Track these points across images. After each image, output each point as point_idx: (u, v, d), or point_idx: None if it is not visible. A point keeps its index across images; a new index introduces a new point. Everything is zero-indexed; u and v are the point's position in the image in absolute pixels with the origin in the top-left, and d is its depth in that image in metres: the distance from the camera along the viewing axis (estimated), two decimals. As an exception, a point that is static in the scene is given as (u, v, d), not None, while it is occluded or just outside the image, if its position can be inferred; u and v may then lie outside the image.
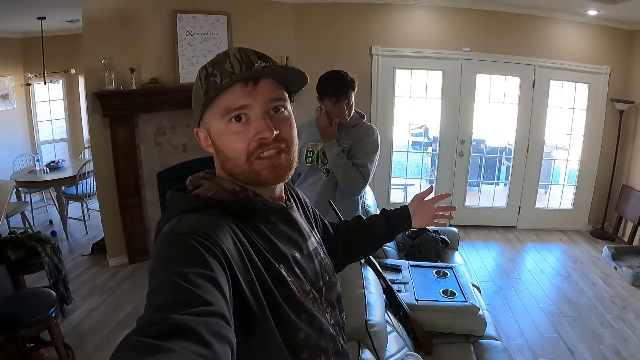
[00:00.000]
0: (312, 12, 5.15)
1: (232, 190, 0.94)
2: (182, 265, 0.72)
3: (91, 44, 4.22)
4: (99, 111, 4.29)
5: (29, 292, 3.30)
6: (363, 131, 2.66)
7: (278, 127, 0.92)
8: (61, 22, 5.77)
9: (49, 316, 2.83)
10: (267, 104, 0.92)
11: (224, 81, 0.90)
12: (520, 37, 5.24)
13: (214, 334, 0.61)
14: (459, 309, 2.57)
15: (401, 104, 5.62)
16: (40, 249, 3.50)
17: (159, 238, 0.84)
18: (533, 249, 5.26)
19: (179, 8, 4.42)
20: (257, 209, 0.95)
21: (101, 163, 4.50)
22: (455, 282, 2.82)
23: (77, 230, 5.98)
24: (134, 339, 0.58)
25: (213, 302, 0.67)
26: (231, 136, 0.92)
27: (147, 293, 0.71)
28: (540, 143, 5.61)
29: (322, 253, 1.11)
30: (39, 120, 7.32)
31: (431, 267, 3.01)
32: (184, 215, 0.87)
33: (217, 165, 0.98)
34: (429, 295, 2.66)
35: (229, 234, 0.83)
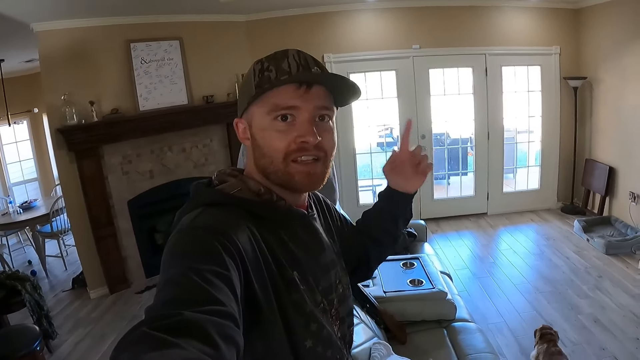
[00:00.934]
0: (264, 27, 5.26)
1: (257, 190, 0.94)
2: (198, 261, 0.72)
3: (50, 82, 4.28)
4: (64, 146, 4.33)
5: (12, 329, 3.34)
6: None
7: (321, 134, 0.92)
8: (20, 63, 5.80)
9: (34, 350, 2.90)
10: (315, 110, 0.92)
11: (280, 77, 0.90)
12: (468, 29, 5.42)
13: (223, 335, 0.62)
14: (427, 296, 2.66)
15: (359, 108, 5.74)
16: (20, 287, 3.54)
17: (178, 228, 0.84)
18: (505, 233, 5.40)
19: (131, 38, 4.50)
20: (278, 213, 0.95)
21: (71, 197, 4.54)
22: (423, 271, 2.92)
23: (57, 267, 5.97)
24: (143, 330, 0.58)
25: (225, 303, 0.68)
26: (273, 133, 0.91)
27: (159, 283, 0.72)
28: (500, 129, 5.77)
29: (339, 265, 1.09)
30: (8, 163, 7.31)
31: (398, 260, 3.11)
32: (204, 209, 0.87)
33: (250, 160, 0.98)
34: (396, 287, 2.75)
35: (247, 235, 0.83)
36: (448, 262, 4.60)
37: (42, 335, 3.11)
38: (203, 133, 5.06)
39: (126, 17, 4.46)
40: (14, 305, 3.55)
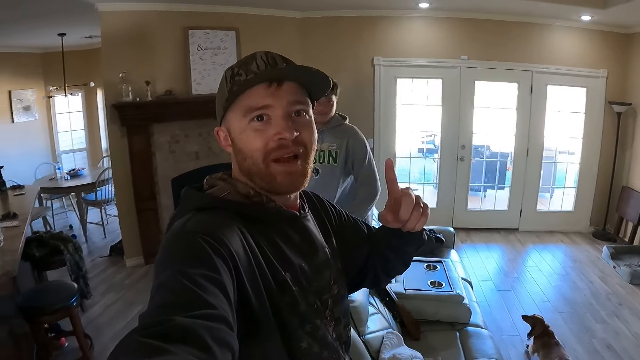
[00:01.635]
0: (316, 25, 5.41)
1: (246, 193, 0.94)
2: (189, 266, 0.72)
3: (109, 59, 4.52)
4: (117, 121, 4.59)
5: (52, 284, 3.54)
6: (346, 134, 2.90)
7: (298, 129, 0.91)
8: (80, 38, 6.09)
9: (70, 305, 3.05)
10: (289, 106, 0.91)
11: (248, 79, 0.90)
12: (517, 44, 5.43)
13: (216, 339, 0.62)
14: (444, 297, 2.78)
15: (403, 112, 5.82)
16: (62, 247, 3.73)
17: (169, 233, 0.85)
18: (534, 250, 5.41)
19: (190, 25, 4.71)
20: (269, 215, 0.94)
21: (119, 169, 4.80)
22: (444, 274, 3.03)
23: (96, 234, 6.27)
24: (135, 338, 0.58)
25: (217, 306, 0.67)
26: (251, 134, 0.91)
27: (152, 289, 0.72)
28: (540, 147, 5.77)
29: (335, 266, 1.07)
30: (59, 131, 7.68)
31: (422, 261, 3.22)
32: (195, 213, 0.87)
33: (235, 165, 0.97)
34: (417, 285, 2.88)
35: (238, 237, 0.83)
36: (472, 272, 4.65)
37: (79, 292, 3.27)
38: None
39: (186, 4, 4.68)
40: (54, 263, 3.74)
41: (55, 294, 3.10)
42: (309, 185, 1.02)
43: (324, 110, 2.83)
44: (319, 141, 2.89)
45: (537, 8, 4.82)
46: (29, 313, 2.97)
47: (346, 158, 2.87)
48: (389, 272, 1.23)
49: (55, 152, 7.59)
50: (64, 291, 3.15)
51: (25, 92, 6.95)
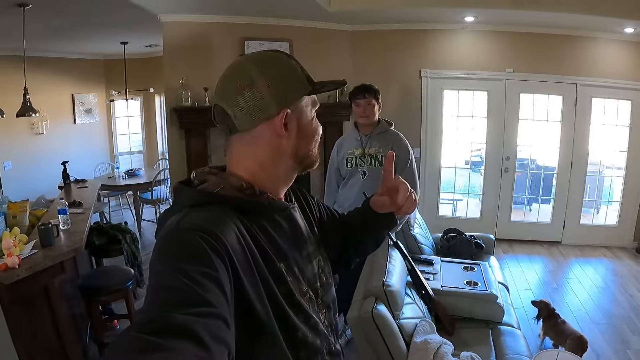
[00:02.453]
0: (367, 38, 5.59)
1: (239, 186, 0.94)
2: (186, 263, 0.72)
3: (170, 66, 4.88)
4: (176, 124, 4.91)
5: (111, 268, 3.74)
6: (390, 140, 3.14)
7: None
8: (141, 47, 6.49)
9: (127, 287, 3.27)
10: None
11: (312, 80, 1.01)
12: (561, 57, 5.46)
13: (213, 336, 0.62)
14: (479, 296, 2.90)
15: (449, 123, 5.91)
16: (121, 237, 3.96)
17: (164, 230, 0.84)
18: (575, 264, 5.36)
19: (246, 36, 5.02)
20: (262, 206, 0.95)
21: (176, 169, 5.11)
22: (481, 275, 3.15)
23: (149, 231, 6.59)
24: (132, 335, 0.59)
25: (214, 303, 0.68)
26: (317, 122, 1.04)
27: (148, 286, 0.72)
28: (584, 160, 5.75)
29: (322, 255, 1.12)
30: (118, 134, 8.15)
31: (461, 262, 3.37)
32: (190, 210, 0.87)
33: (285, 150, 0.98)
34: (453, 283, 3.02)
35: (234, 232, 0.83)
36: (512, 281, 4.67)
37: (135, 278, 3.49)
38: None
39: (242, 16, 4.98)
40: (112, 251, 3.96)
41: (113, 277, 3.32)
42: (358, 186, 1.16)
43: (362, 111, 3.07)
44: (367, 145, 3.10)
45: (581, 21, 4.86)
46: (88, 293, 3.18)
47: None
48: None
49: (113, 153, 8.07)
50: (121, 275, 3.37)
51: (87, 96, 7.44)
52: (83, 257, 3.97)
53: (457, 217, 6.27)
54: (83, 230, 3.18)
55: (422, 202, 5.96)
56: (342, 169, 3.26)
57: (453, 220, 6.11)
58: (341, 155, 3.26)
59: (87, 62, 7.44)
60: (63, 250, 2.76)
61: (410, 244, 3.67)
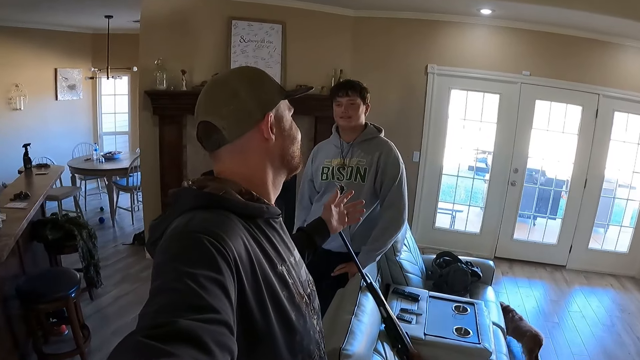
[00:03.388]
0: (370, 26, 5.08)
1: (237, 191, 0.95)
2: (193, 266, 0.71)
3: (147, 44, 4.38)
4: (150, 109, 4.43)
5: (56, 271, 3.42)
6: (378, 150, 2.59)
7: None
8: (128, 22, 6.00)
9: (69, 295, 2.96)
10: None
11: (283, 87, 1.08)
12: (585, 63, 4.95)
13: (218, 342, 0.61)
14: (469, 350, 2.39)
15: (454, 126, 5.45)
16: (76, 233, 3.66)
17: (171, 232, 0.84)
18: (579, 293, 4.92)
19: (234, 15, 4.49)
20: (262, 211, 0.97)
21: (148, 159, 4.65)
22: (474, 320, 2.64)
23: (125, 220, 6.23)
24: (137, 339, 0.57)
25: (220, 309, 0.67)
26: (295, 125, 1.09)
27: (153, 288, 0.71)
28: (600, 178, 5.26)
29: (303, 263, 1.15)
30: (103, 112, 7.67)
31: (452, 300, 2.84)
32: (197, 213, 0.87)
33: (273, 152, 1.03)
34: (439, 331, 2.49)
35: (240, 238, 0.84)
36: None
37: (81, 284, 3.18)
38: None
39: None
40: (67, 247, 3.67)
41: (56, 282, 3.02)
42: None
43: (346, 113, 2.54)
44: (349, 155, 2.59)
45: (612, 24, 4.33)
46: (27, 298, 2.88)
47: (375, 177, 2.55)
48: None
49: (97, 133, 7.61)
50: (65, 280, 3.05)
51: (72, 71, 6.96)
52: (37, 253, 3.64)
53: (455, 229, 5.80)
54: (13, 234, 2.70)
55: (417, 211, 5.48)
56: (316, 181, 2.71)
57: (450, 235, 5.68)
58: (316, 165, 2.72)
59: (73, 36, 6.93)
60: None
61: (395, 273, 3.15)
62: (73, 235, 3.63)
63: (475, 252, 5.23)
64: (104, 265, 4.28)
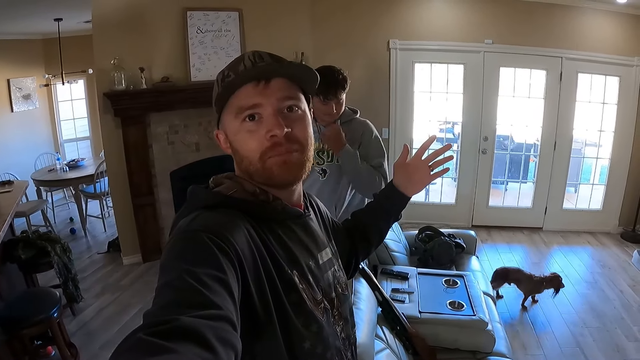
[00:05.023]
0: (329, 6, 5.00)
1: (252, 191, 0.94)
2: (195, 264, 0.71)
3: (101, 45, 4.20)
4: (110, 111, 4.27)
5: (34, 292, 3.31)
6: (359, 129, 2.51)
7: (290, 125, 0.90)
8: (78, 23, 5.77)
9: (51, 316, 2.84)
10: (279, 103, 0.90)
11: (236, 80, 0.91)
12: (546, 28, 4.98)
13: (220, 339, 0.60)
14: (465, 323, 2.40)
15: (421, 100, 5.43)
16: (49, 249, 3.52)
17: (175, 231, 0.84)
18: (559, 252, 5.01)
19: (189, 6, 4.34)
20: (275, 212, 0.94)
21: (114, 163, 4.49)
22: (465, 292, 2.64)
23: (97, 228, 6.04)
24: (139, 337, 0.57)
25: (222, 306, 0.67)
26: (245, 134, 0.91)
27: (157, 287, 0.71)
28: (569, 140, 5.34)
29: (337, 265, 1.09)
30: (62, 119, 7.40)
31: (441, 275, 2.84)
32: (202, 212, 0.87)
33: (235, 166, 0.98)
34: (434, 307, 2.50)
35: (244, 236, 0.83)
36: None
37: (62, 301, 3.08)
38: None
39: (185, -18, 4.31)
40: (42, 265, 3.55)
41: (36, 305, 2.89)
42: (316, 188, 1.37)
43: (333, 112, 2.41)
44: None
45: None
46: (8, 325, 2.75)
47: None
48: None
49: (57, 142, 7.32)
50: (45, 301, 2.92)
51: (25, 80, 6.65)
52: (12, 275, 3.47)
53: (431, 202, 5.84)
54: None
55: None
56: None
57: (426, 207, 5.70)
58: None
59: (23, 43, 6.60)
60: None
61: (381, 253, 3.13)
62: (47, 251, 3.50)
63: (452, 222, 5.28)
64: (81, 278, 4.14)
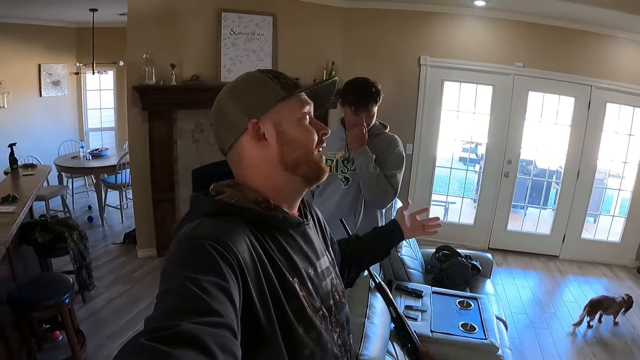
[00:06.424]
0: (361, 17, 5.02)
1: (254, 199, 0.95)
2: (196, 272, 0.72)
3: (134, 38, 4.25)
4: (138, 104, 4.31)
5: (48, 277, 3.33)
6: (386, 142, 2.56)
7: None
8: (113, 15, 5.85)
9: (62, 302, 2.85)
10: (312, 110, 1.03)
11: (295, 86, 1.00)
12: (578, 55, 4.93)
13: (221, 346, 0.61)
14: (476, 346, 2.38)
15: (448, 118, 5.41)
16: (67, 235, 3.55)
17: (177, 239, 0.84)
18: (574, 282, 4.93)
19: (224, 7, 4.39)
20: (277, 220, 0.95)
21: (137, 155, 4.53)
22: (478, 315, 2.63)
23: (114, 218, 6.11)
24: (140, 342, 0.57)
25: (223, 313, 0.67)
26: (306, 127, 0.99)
27: (158, 294, 0.71)
28: (592, 169, 5.27)
29: (334, 273, 1.11)
30: (89, 108, 7.51)
31: (455, 296, 2.82)
32: (204, 219, 0.87)
33: (274, 158, 0.98)
34: (446, 328, 2.49)
35: (245, 244, 0.84)
36: (507, 303, 4.24)
37: (74, 288, 3.09)
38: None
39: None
40: (58, 250, 3.57)
41: (48, 289, 2.89)
42: (338, 195, 1.67)
43: (363, 123, 2.47)
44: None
45: (605, 17, 4.32)
46: (19, 306, 2.76)
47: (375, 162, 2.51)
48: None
49: (82, 130, 7.43)
50: (58, 286, 2.93)
51: (56, 67, 6.78)
52: (27, 257, 3.50)
53: (449, 222, 5.77)
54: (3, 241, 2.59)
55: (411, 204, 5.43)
56: None
57: (444, 227, 5.55)
58: None
59: (56, 30, 6.73)
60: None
61: (397, 269, 3.11)
62: (64, 237, 3.53)
63: (469, 243, 5.22)
64: (95, 266, 4.17)
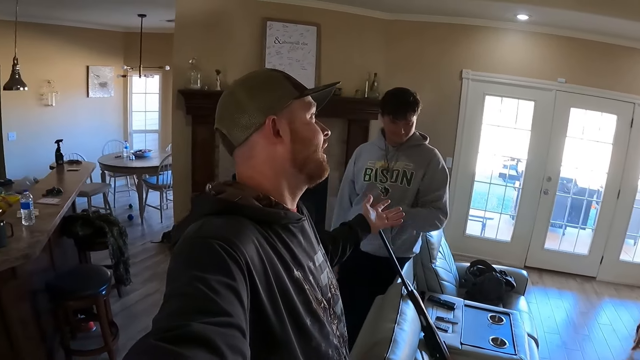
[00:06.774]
0: (403, 30, 5.05)
1: (255, 197, 0.96)
2: (204, 271, 0.72)
3: (181, 43, 4.41)
4: (183, 108, 4.45)
5: (86, 268, 3.44)
6: (427, 157, 2.58)
7: None
8: (161, 21, 6.07)
9: (98, 293, 2.93)
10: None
11: (306, 87, 1.04)
12: (621, 72, 4.85)
13: (230, 346, 0.61)
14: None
15: (488, 133, 5.37)
16: (107, 229, 3.64)
17: (182, 238, 0.84)
18: (609, 305, 4.80)
19: (269, 16, 4.51)
20: (279, 216, 0.97)
21: (180, 158, 4.67)
22: (510, 330, 2.60)
23: (153, 217, 6.27)
24: (150, 342, 0.58)
25: (232, 313, 0.67)
26: (314, 126, 1.03)
27: (166, 293, 0.71)
28: (633, 189, 5.14)
29: (328, 267, 1.14)
30: (134, 110, 7.77)
31: (487, 310, 2.80)
32: (209, 219, 0.88)
33: (285, 156, 1.00)
34: (476, 341, 2.47)
35: (253, 244, 0.84)
36: (540, 322, 4.17)
37: (111, 281, 3.17)
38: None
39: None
40: (97, 244, 3.67)
41: (86, 280, 3.01)
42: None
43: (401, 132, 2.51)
44: (394, 159, 2.57)
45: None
46: (56, 294, 2.87)
47: (421, 182, 2.53)
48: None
49: (127, 131, 7.69)
50: (95, 278, 3.03)
51: (103, 69, 7.06)
52: (67, 249, 3.63)
53: (486, 237, 5.71)
54: (48, 230, 2.72)
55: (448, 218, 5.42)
56: (357, 181, 2.69)
57: (480, 242, 5.60)
58: (359, 166, 2.70)
59: (104, 34, 7.03)
60: (12, 255, 2.33)
61: (430, 280, 3.12)
62: (104, 232, 3.63)
63: (505, 260, 5.15)
64: (132, 263, 4.28)
